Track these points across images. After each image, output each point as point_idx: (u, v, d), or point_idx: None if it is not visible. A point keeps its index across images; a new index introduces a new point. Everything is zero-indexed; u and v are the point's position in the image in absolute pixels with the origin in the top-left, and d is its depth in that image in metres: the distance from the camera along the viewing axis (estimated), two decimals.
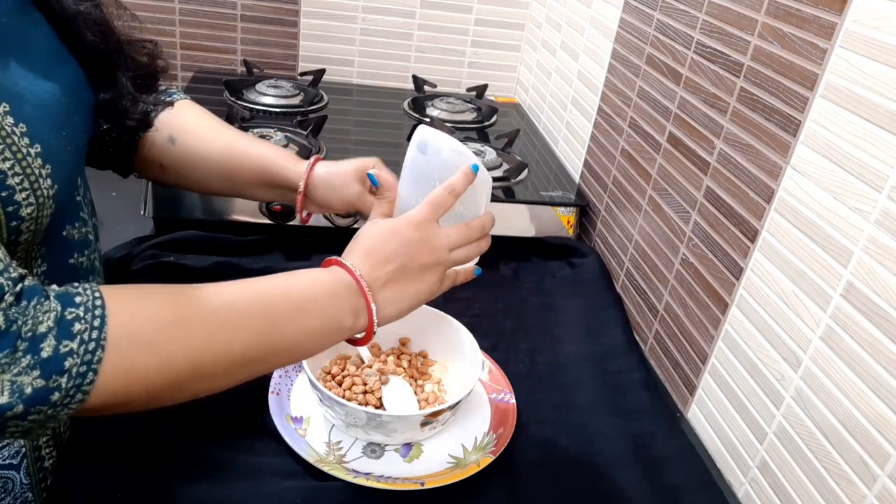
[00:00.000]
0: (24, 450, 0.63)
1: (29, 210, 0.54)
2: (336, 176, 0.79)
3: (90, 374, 0.47)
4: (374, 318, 0.61)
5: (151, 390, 0.51)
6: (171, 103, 0.80)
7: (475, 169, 0.67)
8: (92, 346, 0.47)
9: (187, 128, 0.81)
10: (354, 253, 0.63)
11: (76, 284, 0.51)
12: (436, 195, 0.65)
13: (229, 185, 0.83)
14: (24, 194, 0.53)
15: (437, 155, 0.68)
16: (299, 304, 0.59)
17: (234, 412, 0.75)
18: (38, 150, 0.54)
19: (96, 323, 0.48)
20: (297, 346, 0.59)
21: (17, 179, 0.52)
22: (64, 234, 0.64)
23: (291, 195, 0.81)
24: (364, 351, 0.80)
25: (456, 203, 0.66)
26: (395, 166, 0.66)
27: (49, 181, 0.55)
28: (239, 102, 1.36)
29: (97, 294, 0.50)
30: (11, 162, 0.52)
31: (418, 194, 0.67)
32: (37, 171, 0.54)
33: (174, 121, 0.81)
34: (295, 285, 0.60)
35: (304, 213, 0.82)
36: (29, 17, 0.62)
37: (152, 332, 0.51)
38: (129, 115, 0.71)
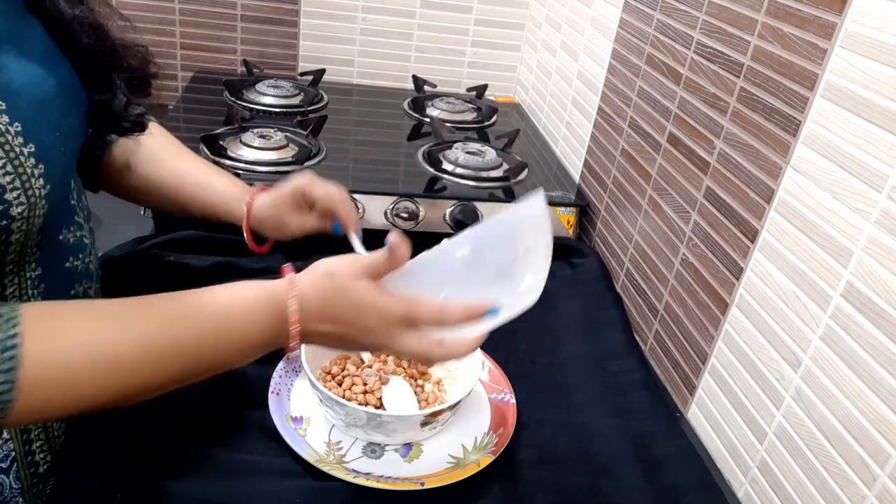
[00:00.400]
0: (13, 454, 0.63)
1: (20, 209, 0.54)
2: (273, 216, 0.85)
3: (3, 410, 0.47)
4: (297, 352, 0.62)
5: (70, 415, 0.52)
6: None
7: (489, 315, 0.60)
8: (5, 387, 0.46)
9: (143, 155, 0.84)
10: (313, 293, 0.59)
11: (1, 314, 0.49)
12: (420, 314, 0.58)
13: (179, 209, 0.88)
14: (14, 193, 0.53)
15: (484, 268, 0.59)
16: (226, 341, 0.57)
17: (234, 412, 0.75)
18: (32, 149, 0.54)
19: (7, 366, 0.46)
20: (219, 369, 0.58)
21: (7, 178, 0.52)
22: (60, 237, 0.64)
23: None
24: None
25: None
26: (394, 166, 0.65)
27: (42, 181, 0.55)
28: (239, 102, 1.36)
29: (14, 331, 0.47)
30: (3, 161, 0.52)
31: (429, 282, 0.60)
32: (29, 171, 0.54)
33: (132, 146, 0.84)
34: (227, 319, 0.57)
35: (260, 244, 0.88)
36: (24, 20, 0.62)
37: (71, 375, 0.49)
38: (123, 117, 0.72)
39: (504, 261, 0.60)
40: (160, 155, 0.85)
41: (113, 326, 0.53)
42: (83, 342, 0.51)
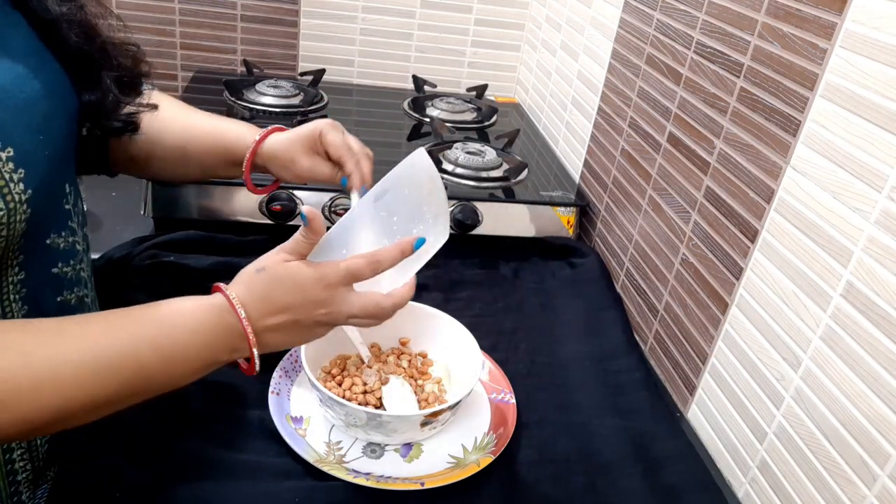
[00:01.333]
0: None
1: None
2: (286, 152, 0.79)
3: None
4: (257, 361, 0.59)
5: (7, 439, 0.50)
6: (155, 106, 0.78)
7: (418, 245, 0.64)
8: None
9: (149, 115, 0.78)
10: (250, 292, 0.59)
11: None
12: (356, 266, 0.61)
13: (197, 167, 0.82)
14: None
15: (393, 211, 0.65)
16: (171, 355, 0.55)
17: (234, 412, 0.75)
18: (10, 153, 0.53)
19: None
20: (168, 386, 0.57)
21: None
22: (48, 242, 0.63)
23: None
24: (364, 350, 0.80)
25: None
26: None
27: (22, 185, 0.54)
28: (239, 102, 1.36)
29: None
30: None
31: (353, 243, 0.63)
32: (7, 176, 0.53)
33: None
34: (169, 335, 0.55)
35: (262, 186, 0.83)
36: (8, 19, 0.61)
37: (8, 396, 0.48)
38: (113, 116, 0.70)
39: (413, 204, 0.65)
40: (165, 111, 0.80)
41: (52, 340, 0.52)
42: (24, 356, 0.50)
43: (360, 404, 0.72)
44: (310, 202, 1.06)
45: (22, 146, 0.55)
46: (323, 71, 1.50)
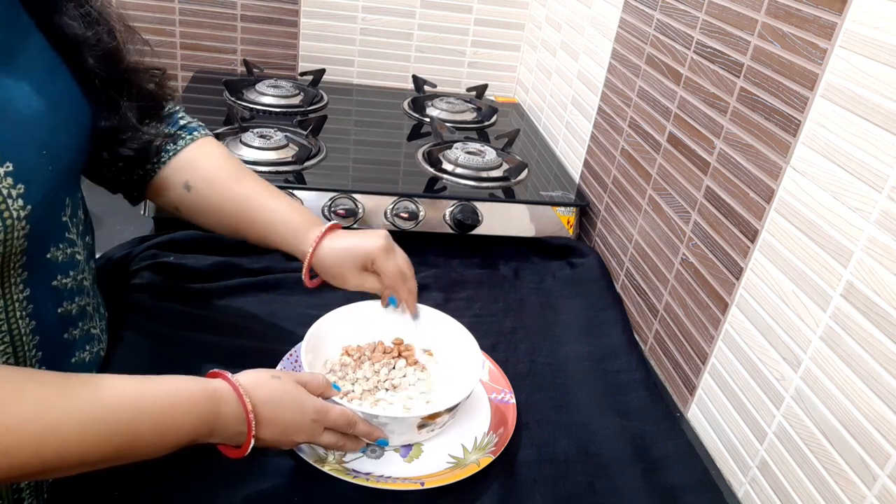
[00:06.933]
0: None
1: None
2: (335, 266, 0.79)
3: None
4: (249, 448, 0.62)
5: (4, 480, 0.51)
6: (173, 136, 0.78)
7: (380, 443, 0.71)
8: None
9: (204, 175, 0.79)
10: (261, 392, 0.62)
11: None
12: (348, 417, 0.67)
13: (242, 237, 0.83)
14: None
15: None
16: (165, 432, 0.57)
17: None
18: (10, 168, 0.53)
19: None
20: (152, 455, 0.58)
21: None
22: (48, 256, 0.62)
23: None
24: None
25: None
26: (394, 166, 0.65)
27: (21, 202, 0.53)
28: (239, 102, 1.36)
29: None
30: None
31: None
32: (5, 192, 0.52)
33: (190, 165, 0.79)
34: (168, 414, 0.57)
35: (312, 279, 0.82)
36: (24, 31, 0.60)
37: (15, 444, 0.49)
38: (127, 144, 0.69)
39: None
40: (218, 176, 0.80)
41: (64, 398, 0.53)
42: (38, 408, 0.51)
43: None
44: (310, 203, 1.06)
45: (23, 161, 0.54)
46: (323, 71, 1.50)
